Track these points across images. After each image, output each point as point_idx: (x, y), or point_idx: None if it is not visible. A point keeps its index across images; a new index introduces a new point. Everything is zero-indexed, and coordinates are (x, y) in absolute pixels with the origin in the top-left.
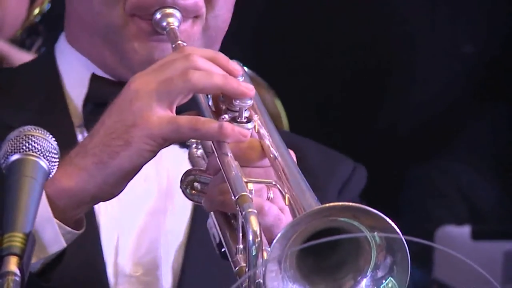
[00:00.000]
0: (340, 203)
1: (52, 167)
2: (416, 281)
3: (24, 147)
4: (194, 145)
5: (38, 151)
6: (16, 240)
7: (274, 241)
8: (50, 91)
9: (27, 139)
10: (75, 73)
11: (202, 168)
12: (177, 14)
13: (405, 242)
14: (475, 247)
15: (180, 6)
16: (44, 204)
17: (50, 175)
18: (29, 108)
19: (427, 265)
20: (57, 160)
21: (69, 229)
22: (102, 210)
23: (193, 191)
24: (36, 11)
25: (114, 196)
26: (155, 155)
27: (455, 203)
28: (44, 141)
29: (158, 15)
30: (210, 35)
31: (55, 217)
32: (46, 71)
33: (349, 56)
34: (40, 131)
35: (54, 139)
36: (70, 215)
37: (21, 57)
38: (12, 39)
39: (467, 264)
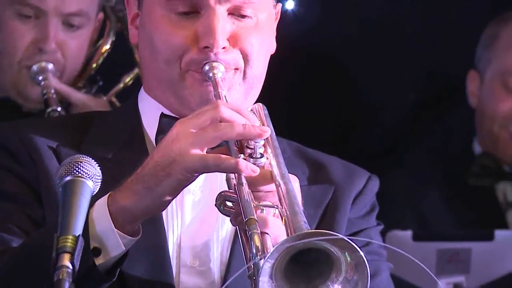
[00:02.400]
0: (317, 231)
1: (95, 186)
2: None
3: (74, 171)
4: None
5: (85, 174)
6: (68, 241)
7: (266, 257)
8: (133, 128)
9: (77, 164)
10: (150, 114)
11: (231, 190)
12: (221, 67)
13: (366, 264)
14: (415, 247)
15: (222, 60)
16: (108, 219)
17: (94, 192)
18: (116, 142)
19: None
20: (100, 181)
21: (128, 237)
22: (169, 217)
23: (225, 208)
24: (93, 66)
25: (160, 212)
26: (190, 183)
27: (401, 213)
28: (90, 166)
29: (206, 67)
30: (248, 82)
31: (116, 228)
32: (131, 114)
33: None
34: (87, 159)
35: (98, 164)
36: (128, 226)
37: (79, 96)
38: (77, 86)
39: (410, 259)
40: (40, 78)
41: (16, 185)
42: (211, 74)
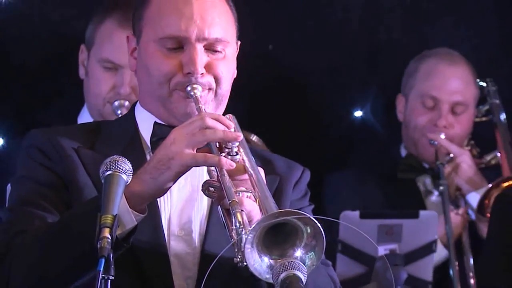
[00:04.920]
0: (287, 210)
1: (128, 179)
2: (329, 241)
3: (113, 167)
4: None
5: (121, 170)
6: (108, 219)
7: (250, 230)
8: (133, 134)
9: (115, 163)
10: (145, 123)
11: (213, 179)
12: (199, 87)
13: (323, 234)
14: (361, 223)
15: (200, 83)
16: (124, 201)
17: (127, 183)
18: (121, 144)
19: (336, 233)
20: (131, 175)
21: (139, 214)
22: (162, 199)
23: (209, 192)
24: None
25: (162, 195)
26: (184, 174)
27: (350, 199)
28: (124, 164)
29: (189, 88)
30: (218, 99)
31: (130, 208)
32: (130, 122)
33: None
34: (122, 158)
35: (130, 163)
36: (138, 207)
37: None
38: None
39: (358, 232)
40: (119, 111)
41: (48, 175)
42: (192, 93)
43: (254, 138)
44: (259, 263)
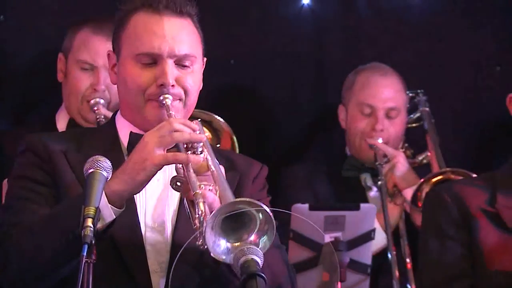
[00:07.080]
0: (242, 199)
1: (108, 176)
2: (281, 231)
3: (95, 165)
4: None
5: (102, 167)
6: (91, 210)
7: (210, 216)
8: (113, 139)
9: (97, 161)
10: (123, 130)
11: (180, 175)
12: (170, 97)
13: (273, 220)
14: (310, 214)
15: (171, 93)
16: (104, 198)
17: (107, 179)
18: (103, 147)
19: (288, 223)
20: (111, 172)
21: (117, 209)
22: (138, 196)
23: (176, 186)
24: None
25: (139, 192)
26: (157, 173)
27: (302, 193)
28: (104, 162)
29: (161, 98)
30: (187, 108)
31: (110, 204)
32: (111, 129)
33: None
34: (103, 158)
35: (110, 161)
36: (117, 203)
37: None
38: None
39: (307, 222)
40: (95, 108)
41: (42, 175)
42: (164, 102)
43: (222, 123)
44: (218, 245)
